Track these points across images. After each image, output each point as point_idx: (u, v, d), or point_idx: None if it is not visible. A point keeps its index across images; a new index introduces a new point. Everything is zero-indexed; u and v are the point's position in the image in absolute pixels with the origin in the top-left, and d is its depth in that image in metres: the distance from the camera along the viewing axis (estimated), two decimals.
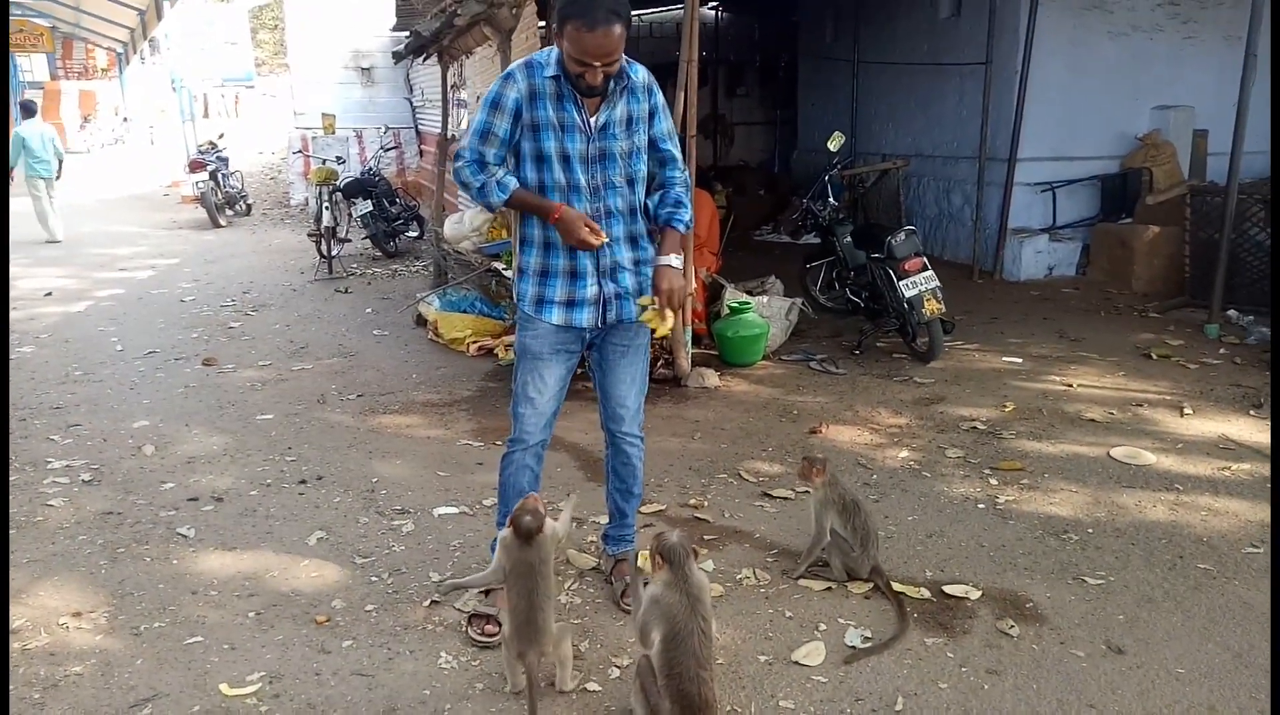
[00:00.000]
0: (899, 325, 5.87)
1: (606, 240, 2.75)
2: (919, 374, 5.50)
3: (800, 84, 12.69)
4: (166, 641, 2.85)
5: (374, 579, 3.22)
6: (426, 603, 3.05)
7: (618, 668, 2.69)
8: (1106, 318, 6.79)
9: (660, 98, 2.80)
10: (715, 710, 2.27)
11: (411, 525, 3.64)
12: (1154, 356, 5.68)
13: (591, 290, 2.80)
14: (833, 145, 6.55)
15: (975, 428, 4.59)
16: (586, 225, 2.70)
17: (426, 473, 4.18)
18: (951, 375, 5.47)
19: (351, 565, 3.32)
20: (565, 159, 2.72)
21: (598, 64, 2.55)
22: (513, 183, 2.75)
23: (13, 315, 7.61)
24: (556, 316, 2.82)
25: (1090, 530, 3.48)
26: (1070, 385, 5.21)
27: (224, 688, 2.61)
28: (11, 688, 2.61)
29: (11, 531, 3.60)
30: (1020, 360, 5.73)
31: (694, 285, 5.50)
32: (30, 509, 3.81)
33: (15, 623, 2.94)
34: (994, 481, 3.95)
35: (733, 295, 5.94)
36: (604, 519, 3.59)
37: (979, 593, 3.04)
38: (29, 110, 12.44)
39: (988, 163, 8.18)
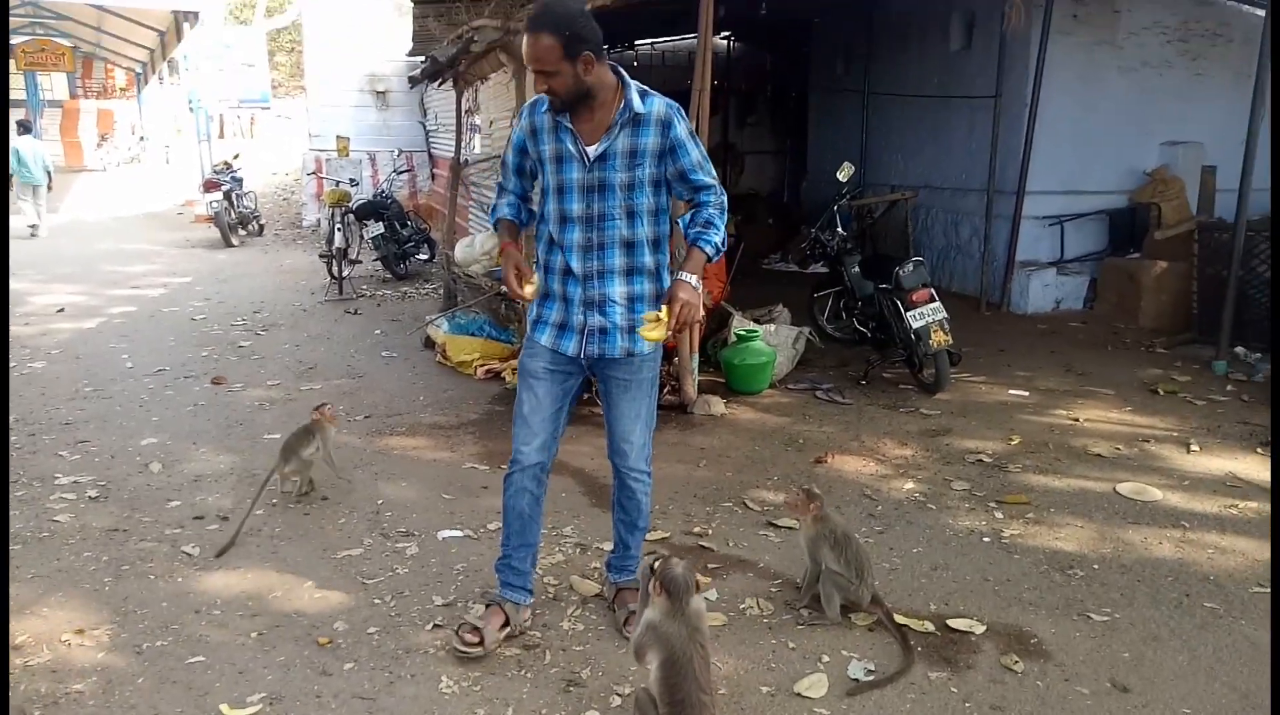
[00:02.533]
0: (906, 356, 5.87)
1: (530, 293, 2.78)
2: (925, 405, 5.50)
3: (811, 114, 12.78)
4: (168, 660, 2.85)
5: (377, 601, 3.22)
6: (429, 626, 3.05)
7: (619, 695, 2.68)
8: (1114, 352, 6.79)
9: (680, 130, 2.75)
10: None
11: (416, 547, 3.65)
12: (1161, 392, 5.67)
13: (577, 319, 2.83)
14: (842, 175, 6.60)
15: (981, 460, 4.58)
16: (515, 270, 2.78)
17: (432, 495, 4.18)
18: (958, 407, 5.47)
19: (355, 587, 3.32)
20: (561, 190, 2.78)
21: (538, 72, 2.62)
22: (504, 211, 2.95)
23: (25, 330, 7.67)
24: (546, 338, 2.87)
25: (1096, 566, 3.46)
26: (1077, 419, 5.20)
27: (225, 708, 2.60)
28: (12, 704, 2.61)
29: (17, 546, 3.62)
30: (1027, 393, 5.73)
31: (701, 312, 5.52)
32: (37, 524, 3.83)
33: (18, 638, 2.95)
34: (999, 515, 3.93)
35: (740, 323, 5.96)
36: (608, 545, 3.59)
37: (983, 627, 3.02)
38: (25, 128, 14.69)
39: (996, 195, 8.22)
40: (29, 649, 2.90)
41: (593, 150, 2.72)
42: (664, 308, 2.70)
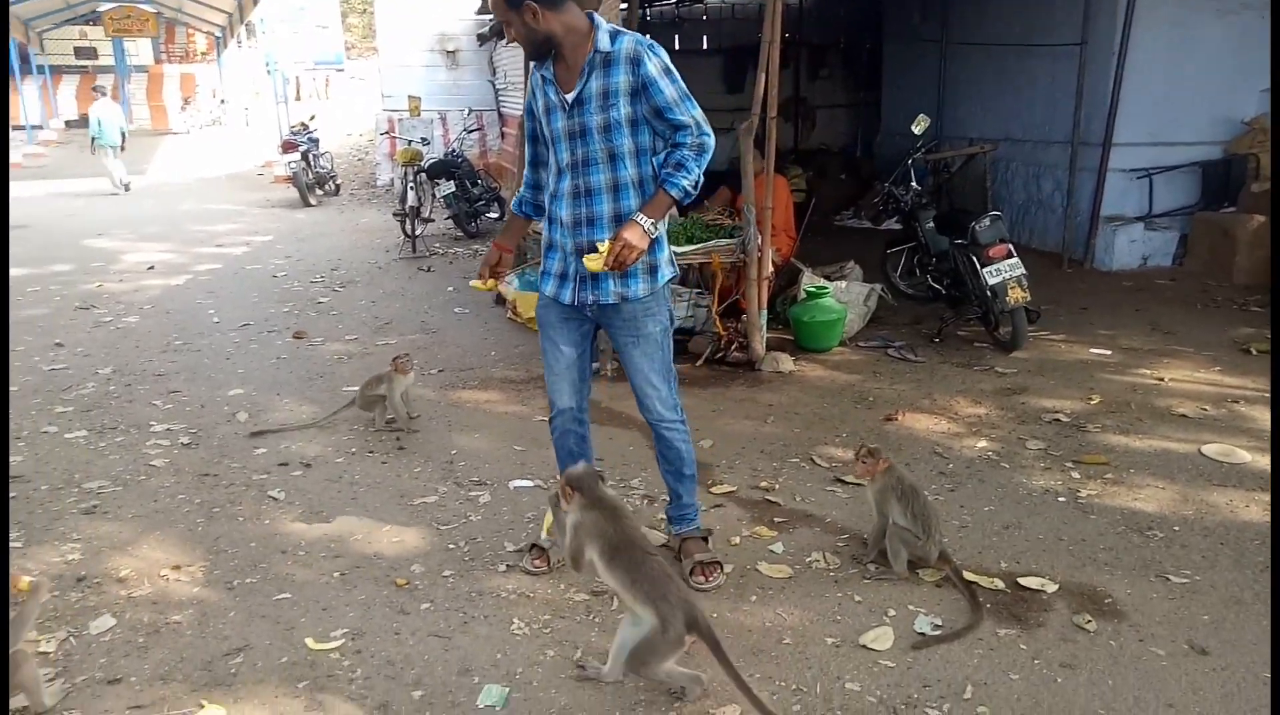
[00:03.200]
0: (981, 313, 5.74)
1: (488, 285, 3.05)
2: (1001, 363, 5.38)
3: (885, 66, 12.43)
4: (257, 596, 3.00)
5: (451, 546, 3.32)
6: (501, 569, 3.15)
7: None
8: (1204, 310, 6.51)
9: (651, 67, 2.68)
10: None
11: (488, 496, 3.74)
12: (1254, 352, 5.43)
13: (571, 267, 2.88)
14: (917, 128, 6.42)
15: (1058, 420, 4.47)
16: (486, 263, 3.05)
17: (504, 447, 4.28)
18: (1035, 365, 5.33)
19: (431, 532, 3.44)
20: (553, 141, 2.84)
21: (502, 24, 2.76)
22: (514, 207, 3.15)
23: (119, 287, 8.03)
24: (550, 288, 2.96)
25: (1177, 528, 3.37)
26: (1161, 379, 5.03)
27: (310, 642, 2.74)
28: (118, 631, 2.80)
29: (118, 488, 3.84)
30: (1109, 352, 5.55)
31: (770, 268, 5.48)
32: (135, 468, 4.04)
33: (121, 573, 3.14)
34: (1076, 475, 3.85)
35: (810, 279, 5.89)
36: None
37: (1055, 586, 2.98)
38: (102, 92, 15.67)
39: (1080, 147, 7.90)
40: (132, 582, 3.08)
41: (570, 96, 2.75)
42: (607, 241, 2.72)
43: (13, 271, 8.69)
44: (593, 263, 2.71)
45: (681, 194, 2.75)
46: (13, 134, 20.19)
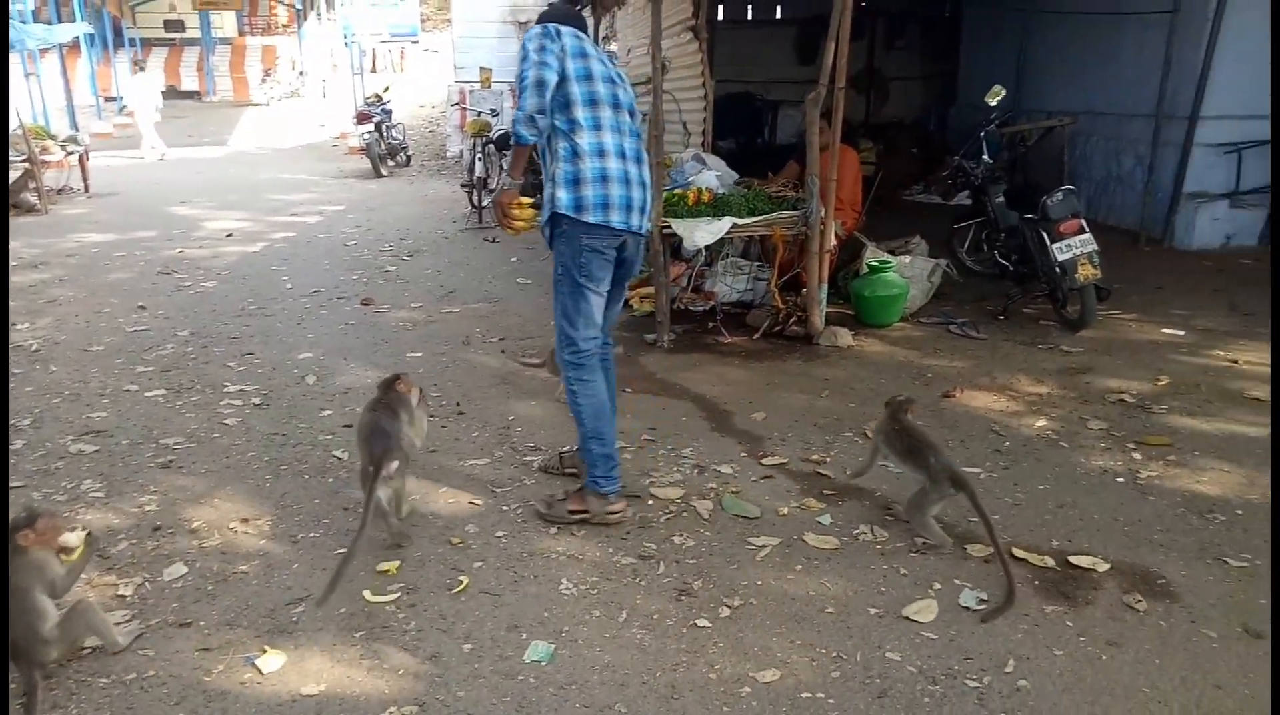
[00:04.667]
0: (1049, 291, 5.60)
1: (524, 219, 3.38)
2: (1067, 342, 5.25)
3: (964, 35, 12.08)
4: (320, 550, 3.14)
5: (504, 509, 3.42)
6: (553, 531, 3.23)
7: (728, 607, 2.77)
8: None
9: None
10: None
11: (542, 462, 3.83)
12: None
13: None
14: (991, 100, 6.26)
15: (1123, 400, 4.36)
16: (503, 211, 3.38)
17: (559, 414, 4.35)
18: (1103, 345, 5.20)
19: (485, 494, 3.54)
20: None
21: None
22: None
23: (199, 253, 8.35)
24: None
25: (1239, 511, 3.27)
26: (1235, 361, 4.85)
27: (367, 594, 2.86)
28: (190, 578, 2.96)
29: (193, 445, 4.03)
30: (1182, 333, 5.38)
31: (832, 242, 5.43)
32: (209, 426, 4.24)
33: (194, 524, 3.31)
34: (1137, 456, 3.76)
35: (873, 254, 5.82)
36: (725, 467, 3.71)
37: (1107, 566, 2.93)
38: (140, 67, 17.34)
39: (1165, 121, 7.60)
40: (203, 532, 3.25)
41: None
42: None
43: (100, 237, 9.11)
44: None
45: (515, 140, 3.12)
46: (104, 105, 21.02)
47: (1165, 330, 5.42)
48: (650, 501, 3.42)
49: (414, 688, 2.44)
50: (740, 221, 5.26)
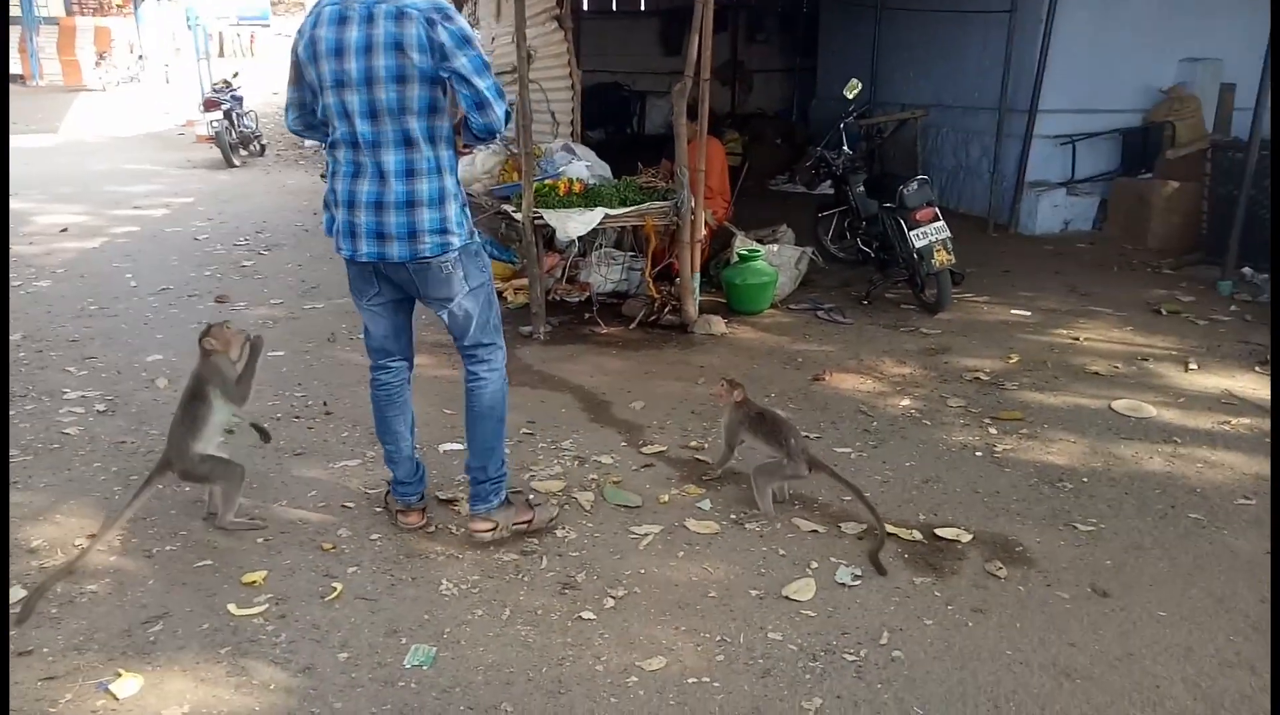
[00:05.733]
0: (908, 276, 5.86)
1: None
2: (926, 325, 5.51)
3: (821, 31, 12.47)
4: (178, 564, 2.95)
5: (379, 509, 3.30)
6: (431, 530, 3.14)
7: (613, 598, 2.76)
8: (1120, 273, 6.75)
9: None
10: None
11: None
12: (1164, 312, 5.66)
13: None
14: (849, 93, 6.47)
15: (978, 378, 4.61)
16: None
17: (433, 410, 4.24)
18: (959, 326, 5.48)
19: (358, 496, 3.41)
20: None
21: None
22: None
23: (29, 249, 7.69)
24: None
25: (1085, 479, 3.52)
26: (1077, 338, 5.21)
27: (232, 607, 2.70)
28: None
29: (29, 457, 3.71)
30: (1029, 313, 5.73)
31: (703, 231, 5.50)
32: (47, 436, 3.91)
33: (34, 543, 3.04)
34: (993, 430, 3.98)
35: (742, 243, 5.93)
36: (605, 458, 3.69)
37: (970, 536, 3.09)
38: None
39: (1008, 114, 8.07)
40: (44, 552, 3.00)
41: None
42: None
43: None
44: None
45: None
46: None
47: (1014, 311, 5.76)
48: (531, 496, 3.38)
49: (286, 703, 2.32)
50: (612, 212, 5.26)
